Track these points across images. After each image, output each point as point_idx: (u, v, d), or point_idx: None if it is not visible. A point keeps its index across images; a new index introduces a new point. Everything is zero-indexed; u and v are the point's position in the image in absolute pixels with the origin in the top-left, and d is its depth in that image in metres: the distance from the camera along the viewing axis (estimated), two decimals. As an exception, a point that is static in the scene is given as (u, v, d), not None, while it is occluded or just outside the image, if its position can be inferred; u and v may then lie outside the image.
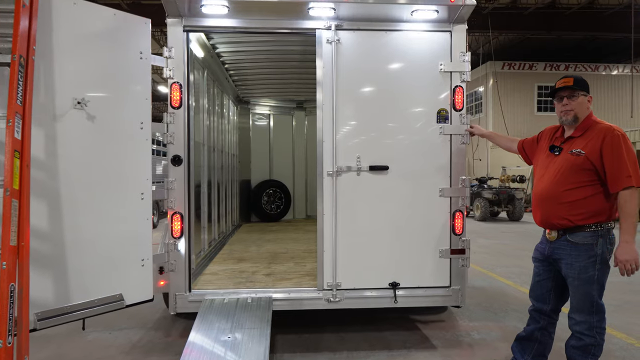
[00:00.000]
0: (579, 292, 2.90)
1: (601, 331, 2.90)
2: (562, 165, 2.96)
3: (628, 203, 2.76)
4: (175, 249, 3.84)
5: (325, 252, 3.94)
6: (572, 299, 2.98)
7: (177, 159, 3.83)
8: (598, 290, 2.88)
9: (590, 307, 2.88)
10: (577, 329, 2.94)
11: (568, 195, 2.91)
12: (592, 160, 2.84)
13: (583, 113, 3.00)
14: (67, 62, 3.13)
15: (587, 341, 2.88)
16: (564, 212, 2.92)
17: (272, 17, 3.93)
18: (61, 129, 3.10)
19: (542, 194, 3.05)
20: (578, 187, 2.88)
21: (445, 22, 3.99)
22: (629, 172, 2.75)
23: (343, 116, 3.96)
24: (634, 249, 2.74)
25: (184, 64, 3.83)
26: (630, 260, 2.75)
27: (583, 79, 3.05)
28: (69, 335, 4.33)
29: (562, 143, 3.05)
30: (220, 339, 3.35)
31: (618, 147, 2.80)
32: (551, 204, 2.98)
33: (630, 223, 2.76)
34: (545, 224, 3.07)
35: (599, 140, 2.84)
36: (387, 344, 4.16)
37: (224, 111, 7.34)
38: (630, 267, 2.76)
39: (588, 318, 2.88)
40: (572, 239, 2.92)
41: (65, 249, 3.14)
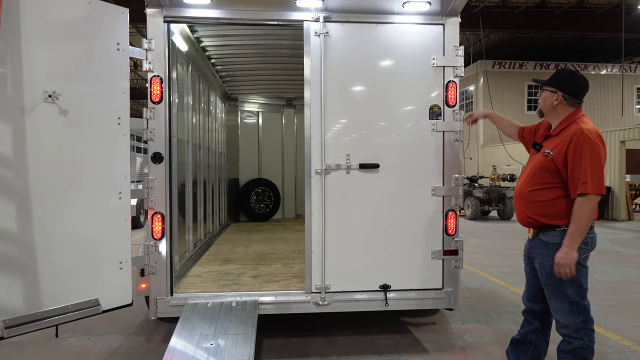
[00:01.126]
0: (555, 292, 2.84)
1: (589, 332, 2.79)
2: (535, 165, 2.92)
3: (578, 208, 2.68)
4: (156, 251, 3.66)
5: (313, 253, 3.79)
6: (549, 300, 2.90)
7: (158, 157, 3.64)
8: (575, 290, 2.78)
9: (570, 307, 2.79)
10: (563, 332, 2.85)
11: (536, 195, 2.86)
12: (557, 163, 2.77)
13: (546, 108, 2.94)
14: (37, 52, 2.93)
15: (576, 344, 2.78)
16: (533, 212, 2.87)
17: (258, 8, 3.77)
18: (30, 124, 2.90)
19: (517, 191, 3.04)
20: (546, 187, 2.83)
21: (437, 14, 3.85)
22: (585, 178, 2.65)
23: (332, 112, 3.80)
24: (571, 255, 2.67)
25: (164, 56, 3.64)
26: (564, 265, 2.69)
27: (564, 74, 2.94)
28: (45, 341, 4.13)
29: (544, 140, 2.99)
30: (202, 346, 3.18)
31: (580, 152, 2.68)
32: (523, 203, 2.95)
33: (576, 228, 2.68)
34: (521, 222, 3.04)
35: (566, 142, 2.74)
36: (378, 348, 4.02)
37: (211, 108, 7.14)
38: (563, 271, 2.70)
39: (571, 319, 2.79)
40: (544, 238, 2.86)
41: (35, 252, 2.95)
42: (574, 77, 2.92)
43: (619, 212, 14.68)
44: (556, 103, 2.87)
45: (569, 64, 24.61)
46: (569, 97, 2.85)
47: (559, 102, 2.86)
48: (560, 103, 2.86)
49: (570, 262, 2.68)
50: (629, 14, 17.64)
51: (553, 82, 2.91)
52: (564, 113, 2.87)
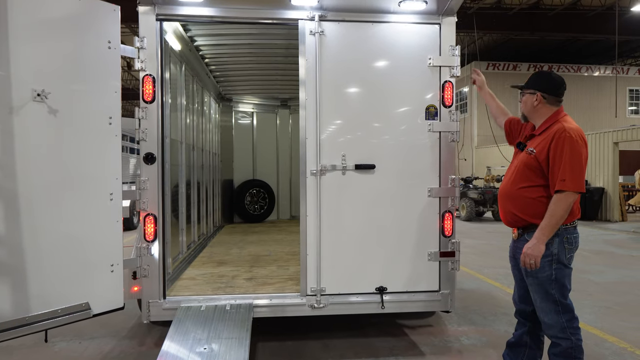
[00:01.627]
0: (540, 292, 2.84)
1: (574, 331, 2.81)
2: (519, 164, 2.94)
3: (554, 204, 2.71)
4: (148, 253, 3.59)
5: (308, 255, 3.73)
6: (535, 301, 2.90)
7: (150, 157, 3.57)
8: (559, 290, 2.80)
9: (556, 307, 2.80)
10: (550, 334, 2.85)
11: (521, 193, 2.88)
12: (540, 160, 2.80)
13: (528, 111, 2.98)
14: (25, 50, 2.85)
15: (564, 345, 2.79)
16: (518, 210, 2.89)
17: (252, 6, 3.71)
18: (19, 124, 2.83)
19: (501, 190, 3.05)
20: (530, 186, 2.85)
21: (434, 14, 3.81)
22: (564, 175, 2.68)
23: (327, 111, 3.75)
24: (539, 248, 2.72)
25: (157, 55, 3.57)
26: (530, 256, 2.73)
27: (539, 75, 2.99)
28: (35, 345, 4.04)
29: (527, 140, 3.02)
30: (195, 350, 3.11)
31: (561, 149, 2.71)
32: (509, 201, 2.96)
33: (548, 223, 2.71)
34: (505, 222, 3.04)
35: (548, 140, 2.78)
36: (374, 351, 3.97)
37: (205, 108, 7.07)
38: (528, 261, 2.74)
39: (557, 319, 2.80)
40: (528, 237, 2.84)
41: (23, 254, 2.87)
42: (549, 76, 2.97)
43: (612, 213, 14.75)
44: (536, 103, 2.92)
45: (562, 66, 24.76)
46: (547, 96, 2.90)
47: (539, 102, 2.91)
48: (541, 103, 2.91)
49: (537, 254, 2.72)
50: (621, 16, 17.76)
51: (530, 84, 2.98)
52: (546, 113, 2.91)
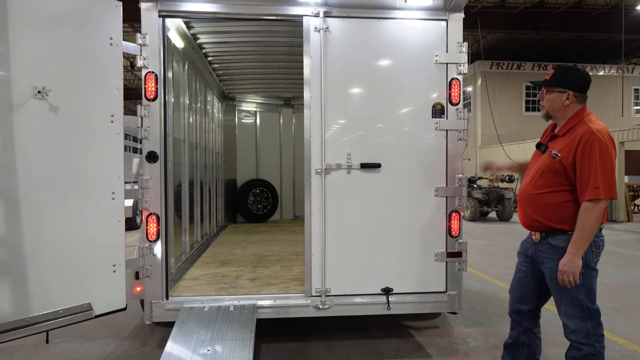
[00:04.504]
0: (565, 296, 2.70)
1: (599, 338, 2.68)
2: (541, 166, 2.76)
3: (585, 214, 2.55)
4: (150, 253, 3.54)
5: (313, 255, 3.68)
6: (560, 306, 2.77)
7: (153, 156, 3.53)
8: (586, 295, 2.67)
9: (582, 313, 2.67)
10: (573, 338, 2.72)
11: (544, 198, 2.72)
12: (565, 165, 2.63)
13: (556, 111, 2.77)
14: (25, 46, 2.80)
15: (587, 350, 2.66)
16: (541, 215, 2.74)
17: (256, 2, 3.65)
18: (19, 121, 2.78)
19: (522, 194, 2.88)
20: (555, 190, 2.69)
21: (441, 10, 3.74)
22: (596, 182, 2.51)
23: (332, 109, 3.69)
24: (576, 263, 2.57)
25: (159, 52, 3.52)
26: (568, 273, 2.58)
27: (567, 71, 2.77)
28: (36, 346, 4.00)
29: (549, 141, 2.84)
30: (199, 352, 3.06)
31: (590, 154, 2.54)
32: (529, 205, 2.81)
33: (581, 235, 2.56)
34: (526, 225, 2.91)
35: (574, 143, 2.60)
36: (379, 353, 3.91)
37: (208, 107, 7.02)
38: (567, 279, 2.60)
39: (582, 325, 2.67)
40: (554, 242, 2.72)
41: (24, 254, 2.82)
42: (578, 72, 2.79)
43: (618, 213, 14.63)
44: (568, 103, 2.72)
45: (567, 65, 24.58)
46: (578, 95, 2.72)
47: (571, 102, 2.72)
48: (572, 102, 2.72)
49: (575, 271, 2.57)
50: (626, 15, 17.62)
51: (558, 81, 2.75)
52: (572, 112, 2.74)
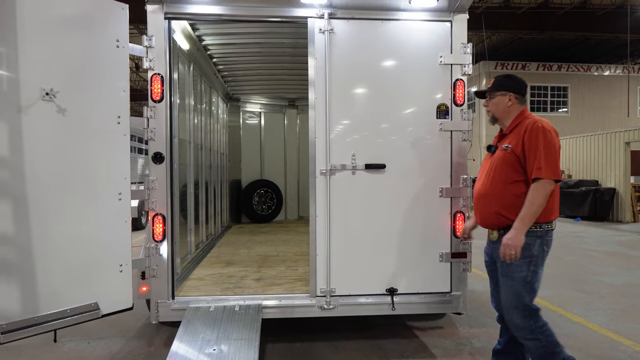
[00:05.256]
0: (511, 292, 2.84)
1: (542, 330, 2.83)
2: (495, 162, 2.95)
3: (532, 192, 2.73)
4: (157, 253, 3.57)
5: (318, 256, 3.69)
6: (503, 299, 2.91)
7: (159, 157, 3.55)
8: (529, 293, 2.81)
9: (523, 311, 2.81)
10: (520, 335, 2.88)
11: (501, 191, 2.88)
12: (517, 153, 2.83)
13: (501, 112, 3.03)
14: (33, 49, 2.84)
15: (535, 344, 2.83)
16: (499, 209, 2.87)
17: (261, 4, 3.68)
18: (27, 123, 2.82)
19: (478, 192, 3.04)
20: (511, 183, 2.85)
21: (445, 11, 3.76)
22: (540, 164, 2.72)
23: (337, 110, 3.71)
24: (519, 238, 2.72)
25: (165, 54, 3.55)
26: (511, 246, 2.72)
27: (505, 78, 3.09)
28: (44, 345, 4.03)
29: (497, 142, 3.05)
30: (205, 351, 3.08)
31: (535, 139, 2.78)
32: (486, 202, 2.96)
33: (527, 211, 2.72)
34: (484, 224, 3.04)
35: (521, 133, 2.84)
36: (384, 353, 3.92)
37: (213, 108, 7.05)
38: (509, 252, 2.73)
39: (524, 322, 2.82)
40: None
41: (32, 254, 2.85)
42: (515, 78, 3.08)
43: (624, 213, 14.54)
44: (510, 104, 2.99)
45: (572, 65, 24.50)
46: (518, 96, 3.00)
47: (512, 102, 2.99)
48: (513, 103, 2.99)
49: (518, 244, 2.71)
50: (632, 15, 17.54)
51: (499, 86, 3.04)
52: (515, 112, 3.00)
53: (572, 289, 6.14)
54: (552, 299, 5.64)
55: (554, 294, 5.89)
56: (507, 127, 2.99)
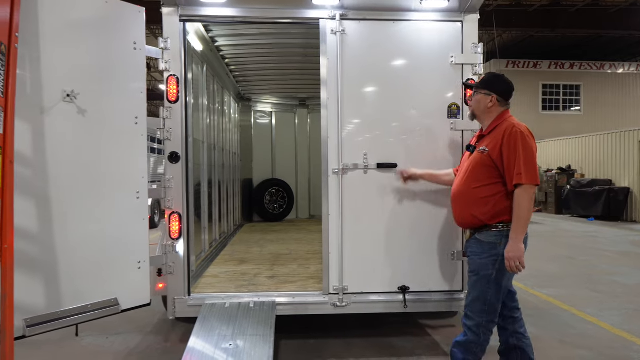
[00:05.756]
0: (476, 288, 2.91)
1: (487, 332, 2.91)
2: (471, 163, 3.00)
3: (518, 198, 2.76)
4: (173, 251, 3.65)
5: (331, 254, 3.75)
6: (468, 294, 3.00)
7: (175, 156, 3.64)
8: (495, 291, 2.87)
9: (483, 306, 2.88)
10: (465, 323, 2.97)
11: (475, 192, 2.93)
12: (493, 158, 2.86)
13: (480, 111, 3.05)
14: (55, 52, 2.93)
15: (471, 338, 2.91)
16: (473, 210, 2.94)
17: (274, 6, 3.74)
18: (49, 123, 2.91)
19: (454, 192, 3.11)
20: (484, 185, 2.90)
21: (456, 11, 3.78)
22: (520, 169, 2.75)
23: (349, 110, 3.76)
24: (519, 247, 2.75)
25: (180, 55, 3.63)
26: (514, 258, 2.75)
27: (494, 78, 3.08)
28: (62, 340, 4.14)
29: (476, 142, 3.08)
30: (221, 346, 3.15)
31: (514, 144, 2.79)
32: (461, 202, 3.02)
33: (519, 221, 2.76)
34: (459, 223, 3.14)
35: (499, 137, 2.86)
36: (396, 350, 3.96)
37: (225, 108, 7.14)
38: (514, 264, 2.75)
39: (478, 316, 2.90)
40: (480, 237, 2.95)
41: (55, 251, 2.94)
42: (503, 80, 3.07)
43: (638, 213, 14.36)
44: (491, 105, 3.00)
45: (585, 63, 24.22)
46: (501, 99, 3.00)
47: (494, 104, 2.99)
48: (495, 105, 2.99)
49: (519, 255, 2.74)
50: (647, 11, 17.30)
51: (485, 85, 3.05)
52: (495, 113, 3.01)
53: (585, 289, 6.11)
54: (565, 298, 5.63)
55: (567, 293, 5.87)
56: (486, 127, 3.03)
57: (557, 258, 8.37)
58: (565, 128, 22.23)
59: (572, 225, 13.48)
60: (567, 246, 9.71)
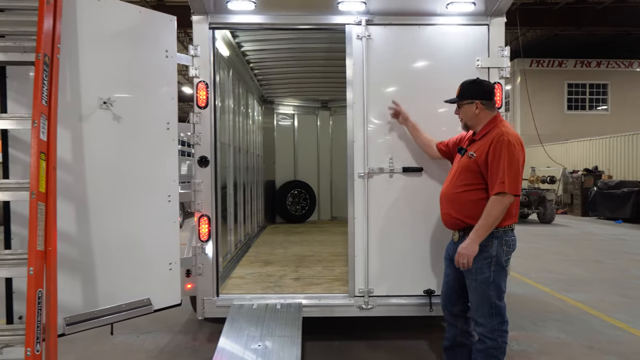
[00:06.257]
0: (477, 293, 2.94)
1: (502, 334, 2.93)
2: (459, 167, 3.06)
3: (491, 205, 2.82)
4: (202, 252, 3.74)
5: (356, 257, 3.78)
6: (471, 301, 3.02)
7: (204, 160, 3.73)
8: (496, 292, 2.90)
9: (490, 309, 2.90)
10: (479, 331, 2.97)
11: (462, 196, 2.99)
12: (479, 164, 2.91)
13: (470, 120, 3.09)
14: (92, 61, 3.05)
15: (490, 344, 2.91)
16: (459, 213, 3.00)
17: (301, 13, 3.80)
18: (87, 130, 3.03)
19: (443, 194, 3.18)
20: (471, 189, 2.96)
21: (482, 15, 3.78)
22: (502, 178, 2.79)
23: (374, 115, 3.79)
24: (473, 248, 2.83)
25: (210, 62, 3.72)
26: (464, 255, 2.85)
27: (470, 85, 3.12)
28: (95, 338, 4.27)
29: (468, 145, 3.13)
30: (250, 347, 3.23)
31: (499, 153, 2.83)
32: (449, 204, 3.08)
33: (483, 223, 2.82)
34: (446, 224, 3.17)
35: (487, 144, 2.90)
36: (422, 353, 3.98)
37: (249, 111, 7.25)
38: (462, 261, 2.86)
39: (489, 321, 2.91)
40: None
41: (92, 253, 3.07)
42: (480, 83, 3.14)
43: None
44: (478, 111, 3.04)
45: (612, 61, 23.62)
46: (486, 102, 3.05)
47: (480, 110, 3.04)
48: (481, 110, 3.04)
49: (470, 254, 2.83)
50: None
51: (464, 94, 3.10)
52: (485, 118, 3.05)
53: (614, 294, 6.00)
54: (593, 303, 5.53)
55: (595, 298, 5.77)
56: (478, 132, 3.07)
57: (584, 262, 8.21)
58: (590, 128, 21.73)
59: (599, 228, 13.17)
60: (594, 249, 9.51)
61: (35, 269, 2.25)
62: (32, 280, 2.24)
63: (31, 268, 2.25)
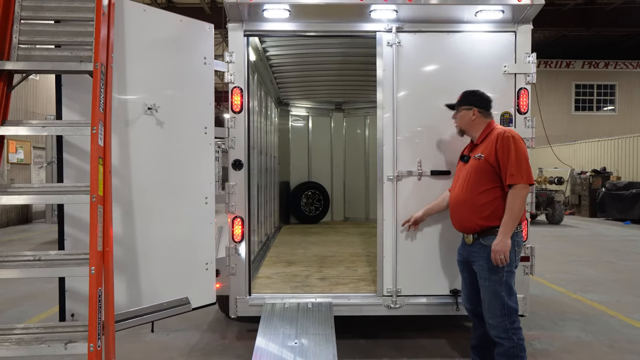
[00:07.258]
0: (490, 292, 3.04)
1: (516, 332, 3.02)
2: (469, 171, 3.16)
3: (511, 198, 2.97)
4: (236, 253, 3.85)
5: (385, 257, 3.89)
6: (483, 301, 3.11)
7: (238, 163, 3.84)
8: (507, 292, 3.01)
9: (502, 309, 3.00)
10: (493, 334, 3.06)
11: (476, 199, 3.09)
12: (490, 162, 3.05)
13: (466, 125, 3.29)
14: (138, 69, 3.17)
15: (507, 345, 3.01)
16: (474, 216, 3.10)
17: (333, 20, 3.90)
18: (133, 135, 3.15)
19: (454, 199, 3.28)
20: (484, 190, 3.07)
21: (509, 22, 3.87)
22: (512, 170, 2.95)
23: (403, 120, 3.89)
24: (506, 242, 2.94)
25: (244, 68, 3.83)
26: (500, 252, 2.94)
27: (470, 94, 3.32)
28: (128, 336, 4.37)
29: (470, 152, 3.28)
30: (287, 345, 3.33)
31: (507, 147, 2.99)
32: (463, 209, 3.18)
33: (509, 216, 2.96)
34: (461, 228, 3.27)
35: (493, 143, 3.05)
36: (447, 352, 4.08)
37: (268, 113, 7.36)
38: (499, 257, 2.95)
39: (500, 321, 3.01)
40: (484, 241, 3.08)
41: (137, 253, 3.19)
42: (479, 94, 3.32)
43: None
44: (474, 118, 3.24)
45: (621, 62, 23.62)
46: (483, 111, 3.25)
47: (476, 116, 3.24)
48: (477, 117, 3.24)
49: (505, 249, 2.94)
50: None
51: (464, 101, 3.31)
52: (482, 125, 3.25)
53: (630, 294, 6.08)
54: (609, 304, 5.62)
55: (612, 299, 5.86)
56: (477, 138, 3.23)
57: (596, 263, 8.29)
58: (598, 129, 21.76)
59: (608, 229, 13.23)
60: (605, 250, 9.58)
61: (96, 269, 2.36)
62: (93, 280, 2.35)
63: (92, 267, 2.36)
